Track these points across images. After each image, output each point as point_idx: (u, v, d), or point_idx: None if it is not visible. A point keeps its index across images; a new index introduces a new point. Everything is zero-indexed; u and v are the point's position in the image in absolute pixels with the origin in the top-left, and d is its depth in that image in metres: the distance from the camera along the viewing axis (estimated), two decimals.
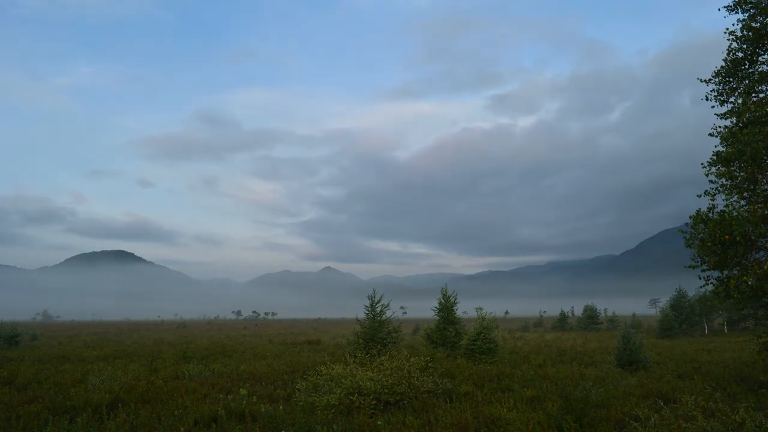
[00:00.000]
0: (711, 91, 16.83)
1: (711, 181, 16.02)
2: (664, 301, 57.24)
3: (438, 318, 28.06)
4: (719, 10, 16.47)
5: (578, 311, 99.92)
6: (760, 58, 16.11)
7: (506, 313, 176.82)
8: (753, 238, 14.34)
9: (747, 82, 16.13)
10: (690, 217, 15.57)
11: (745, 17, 15.98)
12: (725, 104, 16.68)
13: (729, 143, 15.93)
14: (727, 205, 15.18)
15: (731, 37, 16.17)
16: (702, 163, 16.40)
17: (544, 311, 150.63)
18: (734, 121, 16.31)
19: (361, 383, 13.02)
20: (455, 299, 27.88)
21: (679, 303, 50.05)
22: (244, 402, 13.31)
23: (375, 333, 23.72)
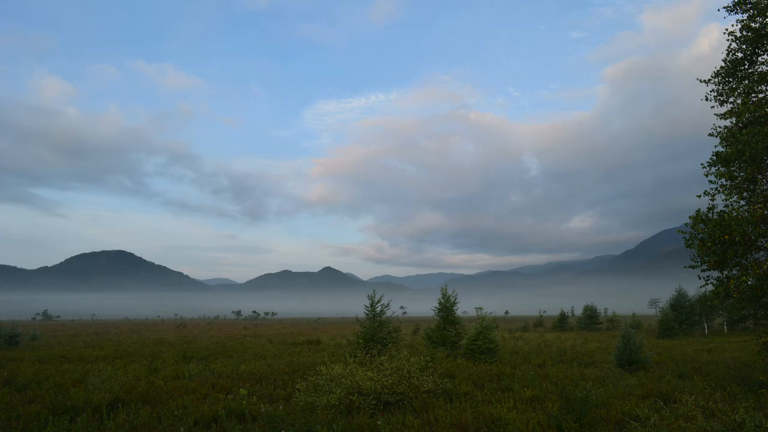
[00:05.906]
0: (710, 91, 16.86)
1: (711, 182, 16.03)
2: (664, 301, 57.22)
3: (438, 318, 28.09)
4: (719, 10, 16.49)
5: (578, 311, 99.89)
6: (759, 59, 16.13)
7: (506, 313, 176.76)
8: (752, 238, 14.35)
9: (746, 82, 16.14)
10: (690, 217, 15.59)
11: (745, 17, 16.00)
12: (725, 104, 16.71)
13: (729, 143, 15.95)
14: (726, 206, 15.19)
15: (731, 37, 16.19)
16: (702, 164, 16.42)
17: (544, 311, 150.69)
18: (734, 122, 16.34)
19: (361, 383, 13.02)
20: (455, 299, 27.91)
21: (679, 303, 49.98)
22: (244, 402, 13.33)
23: (375, 333, 23.72)
